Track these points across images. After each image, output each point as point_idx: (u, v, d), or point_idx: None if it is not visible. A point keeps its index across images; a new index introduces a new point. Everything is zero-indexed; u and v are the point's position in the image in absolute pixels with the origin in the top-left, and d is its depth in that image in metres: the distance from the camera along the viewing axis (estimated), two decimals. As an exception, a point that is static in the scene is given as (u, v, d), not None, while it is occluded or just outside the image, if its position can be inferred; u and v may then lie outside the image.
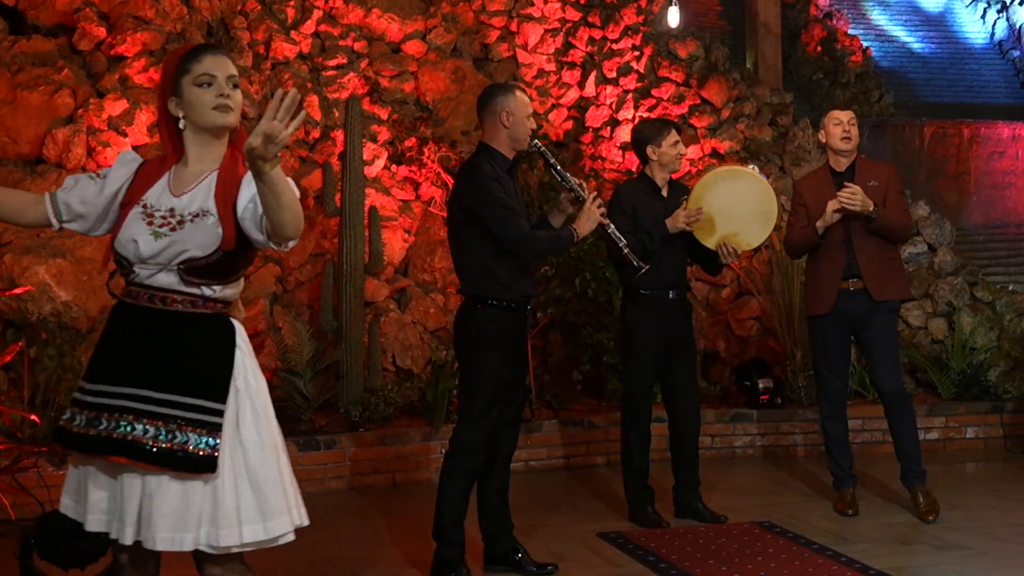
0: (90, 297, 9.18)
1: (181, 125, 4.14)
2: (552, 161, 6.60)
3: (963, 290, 10.76)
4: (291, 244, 4.07)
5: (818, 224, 7.55)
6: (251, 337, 9.39)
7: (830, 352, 7.82)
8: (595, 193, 6.57)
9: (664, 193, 7.64)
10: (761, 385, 10.07)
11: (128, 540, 3.99)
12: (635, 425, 7.71)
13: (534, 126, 6.56)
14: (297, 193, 4.00)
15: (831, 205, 7.46)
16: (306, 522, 4.24)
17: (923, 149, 13.23)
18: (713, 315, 10.86)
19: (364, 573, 6.69)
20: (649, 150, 7.62)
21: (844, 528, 7.55)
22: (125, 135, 9.75)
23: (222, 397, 4.06)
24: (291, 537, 4.15)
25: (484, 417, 6.37)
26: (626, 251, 6.75)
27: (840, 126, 7.71)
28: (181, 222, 4.05)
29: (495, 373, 6.38)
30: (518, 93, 6.53)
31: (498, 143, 6.48)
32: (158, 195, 4.12)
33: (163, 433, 3.97)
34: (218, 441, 4.00)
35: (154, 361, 4.06)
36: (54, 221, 4.23)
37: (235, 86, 4.17)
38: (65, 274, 9.10)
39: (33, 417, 8.00)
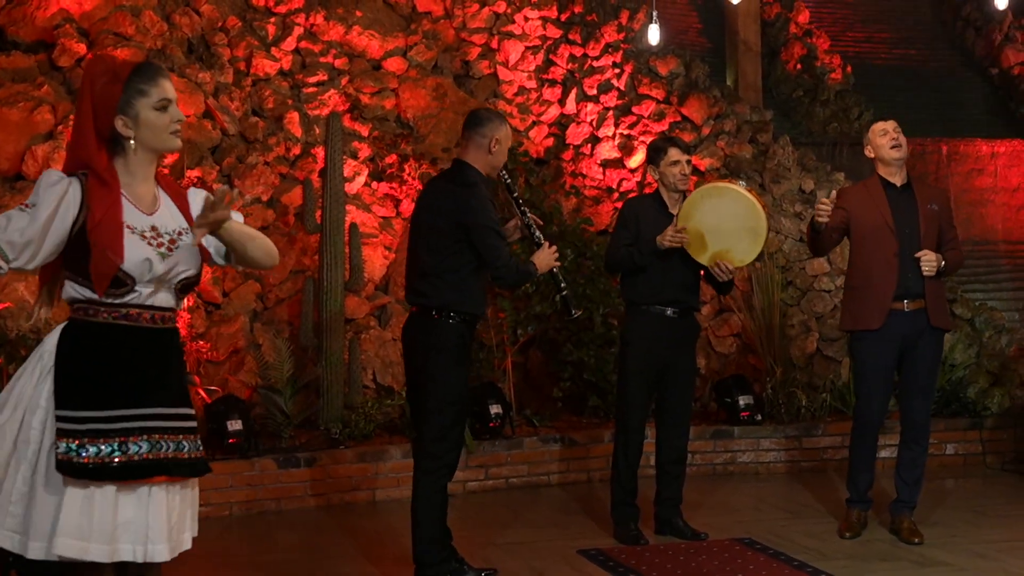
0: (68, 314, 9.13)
1: (131, 146, 4.10)
2: (515, 195, 6.69)
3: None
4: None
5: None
6: (232, 354, 9.47)
7: (876, 373, 7.57)
8: (552, 246, 6.64)
9: (673, 211, 7.56)
10: (741, 402, 10.06)
11: (162, 557, 4.02)
12: (626, 443, 7.69)
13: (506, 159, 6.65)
14: (263, 240, 4.21)
15: (924, 265, 7.29)
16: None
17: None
18: (693, 332, 10.87)
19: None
20: (651, 170, 7.65)
21: (824, 545, 7.55)
22: (105, 151, 9.71)
23: (191, 402, 4.25)
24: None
25: (453, 431, 6.44)
26: (564, 293, 6.77)
27: (887, 135, 7.50)
28: (173, 242, 4.10)
29: (463, 386, 6.45)
30: (508, 126, 6.63)
31: (479, 165, 6.52)
32: (133, 216, 4.09)
33: (178, 445, 4.07)
34: (200, 443, 4.19)
35: (161, 379, 4.11)
36: (1, 264, 4.00)
37: (177, 107, 4.19)
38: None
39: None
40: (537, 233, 6.59)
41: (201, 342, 9.48)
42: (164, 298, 4.12)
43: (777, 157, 11.71)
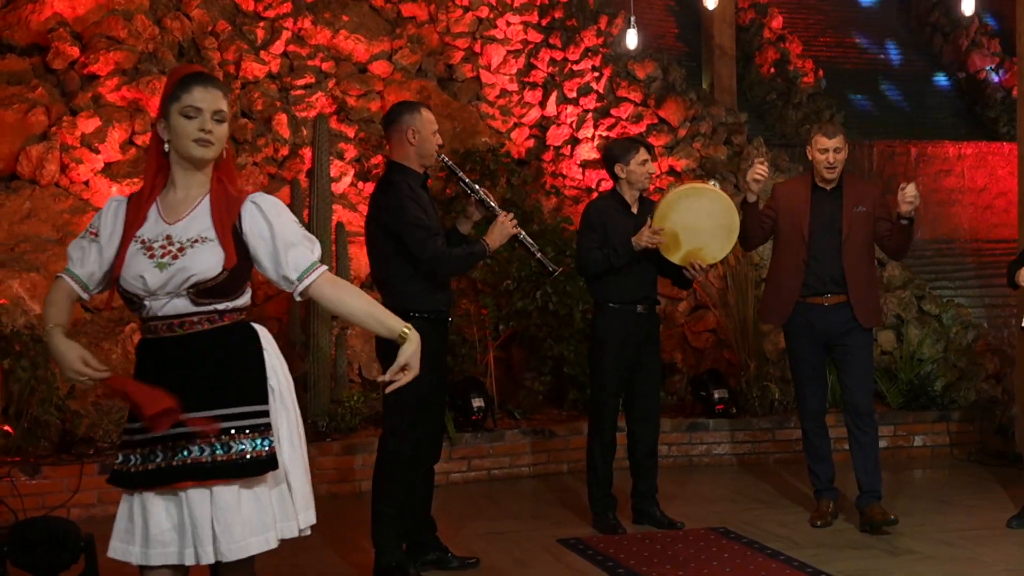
0: (63, 310, 9.11)
1: (166, 149, 4.07)
2: (460, 175, 6.65)
3: (911, 303, 10.80)
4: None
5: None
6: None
7: (805, 365, 7.71)
8: (509, 212, 6.59)
9: (634, 210, 7.61)
10: (716, 395, 10.09)
11: (209, 560, 3.97)
12: (600, 435, 7.71)
13: (440, 142, 6.57)
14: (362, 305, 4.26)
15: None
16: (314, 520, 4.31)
17: (872, 167, 13.30)
18: (670, 327, 10.88)
19: (331, 579, 6.68)
20: (617, 168, 7.59)
21: (796, 534, 7.56)
22: (98, 152, 9.71)
23: (262, 398, 4.10)
24: (308, 532, 4.27)
25: (410, 432, 6.43)
26: (539, 255, 6.70)
27: (826, 155, 7.42)
28: (182, 248, 4.01)
29: (422, 387, 6.39)
30: (423, 111, 6.53)
31: (407, 160, 6.49)
32: (152, 226, 4.05)
33: (218, 448, 3.98)
34: (272, 440, 4.07)
35: (187, 384, 4.01)
36: (85, 296, 4.21)
37: (220, 120, 4.10)
38: (39, 288, 9.03)
39: (6, 428, 7.96)
40: (491, 204, 6.54)
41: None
42: (181, 305, 4.02)
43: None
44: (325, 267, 4.15)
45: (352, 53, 11.67)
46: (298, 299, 4.27)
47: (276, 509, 4.10)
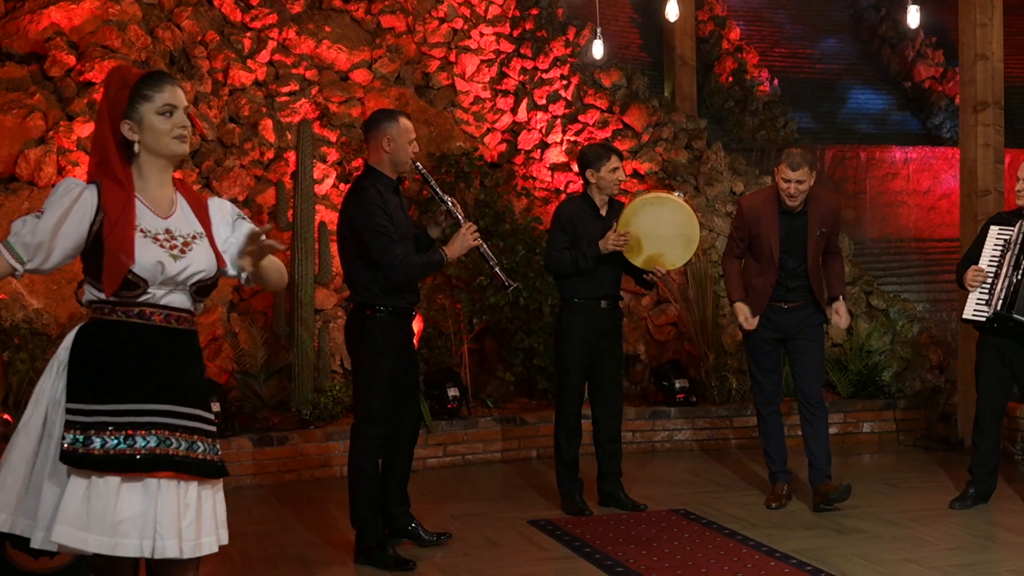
0: (59, 305, 9.10)
1: (136, 149, 3.97)
2: (432, 183, 6.60)
3: (860, 299, 10.84)
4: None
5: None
6: (210, 342, 9.45)
7: (762, 357, 7.79)
8: (472, 224, 6.56)
9: (603, 212, 7.64)
10: (677, 385, 10.11)
11: (173, 553, 3.81)
12: (566, 422, 7.72)
13: (416, 150, 6.55)
14: (279, 266, 4.19)
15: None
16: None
17: (824, 171, 13.34)
18: (634, 321, 10.89)
19: (313, 559, 6.66)
20: (588, 173, 7.60)
21: (753, 515, 7.58)
22: (93, 155, 9.67)
23: (210, 407, 4.08)
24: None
25: (380, 416, 6.47)
26: (495, 270, 6.67)
27: (789, 185, 7.43)
28: (187, 244, 3.98)
29: (388, 376, 6.47)
30: (401, 120, 6.51)
31: (382, 166, 6.50)
32: (148, 219, 3.96)
33: (191, 445, 3.90)
34: (219, 448, 4.03)
35: (173, 377, 3.95)
36: (17, 266, 3.92)
37: (187, 115, 4.06)
38: (36, 284, 9.01)
39: (6, 416, 7.94)
40: (457, 216, 6.53)
41: (182, 331, 9.42)
42: (179, 299, 3.97)
43: (710, 162, 11.74)
44: None
45: (334, 62, 11.64)
46: (244, 283, 4.21)
47: (222, 512, 4.03)
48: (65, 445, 3.76)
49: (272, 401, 9.33)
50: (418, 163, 6.58)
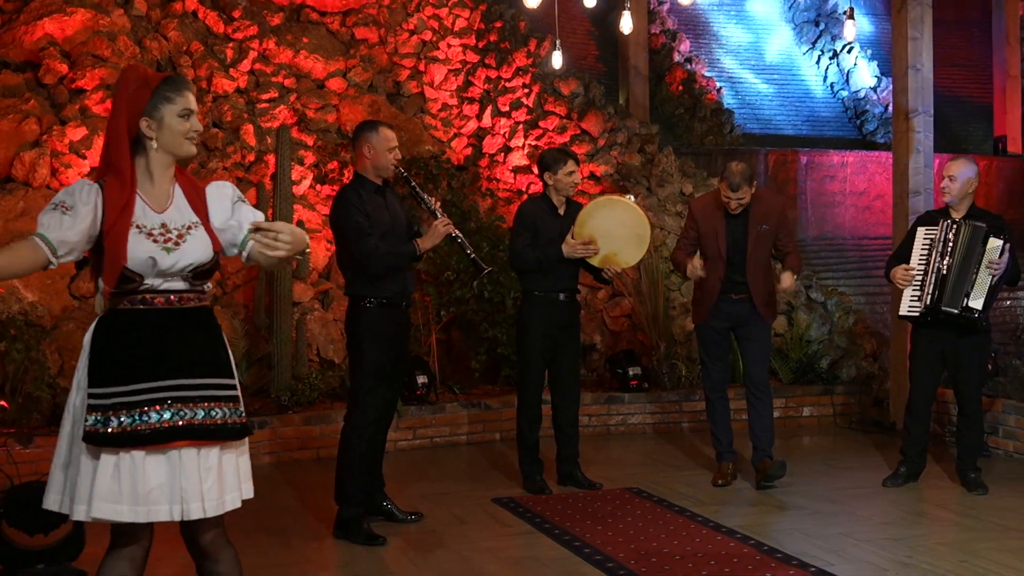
0: (53, 298, 9.05)
1: (154, 146, 3.99)
2: (413, 184, 6.70)
3: (800, 292, 10.88)
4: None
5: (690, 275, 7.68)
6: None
7: (712, 346, 7.82)
8: (446, 218, 6.62)
9: (561, 212, 7.65)
10: (631, 372, 10.13)
11: (198, 515, 3.91)
12: (527, 407, 7.72)
13: (399, 157, 6.64)
14: (302, 236, 4.11)
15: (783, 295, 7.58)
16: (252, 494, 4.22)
17: (767, 173, 13.39)
18: (591, 313, 10.90)
19: (293, 537, 6.64)
20: (547, 176, 7.62)
21: (701, 493, 7.61)
22: (84, 158, 9.62)
23: (232, 373, 4.10)
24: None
25: (369, 399, 6.52)
26: (472, 256, 6.78)
27: (730, 201, 7.49)
28: (181, 236, 3.98)
29: (375, 363, 6.52)
30: (382, 130, 6.62)
31: (364, 171, 6.64)
32: (143, 214, 3.97)
33: (208, 412, 3.96)
34: (242, 410, 4.08)
35: (182, 353, 3.98)
36: (52, 259, 3.91)
37: (197, 118, 4.11)
38: (31, 279, 8.94)
39: (3, 403, 7.89)
40: (435, 210, 6.61)
41: (168, 322, 9.38)
42: (179, 284, 4.00)
43: (662, 165, 11.76)
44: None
45: (311, 71, 11.61)
46: (245, 262, 4.24)
47: (244, 470, 4.11)
48: (87, 427, 3.84)
49: (253, 388, 9.30)
50: (400, 168, 6.65)
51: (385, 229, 6.52)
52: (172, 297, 4.00)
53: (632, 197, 7.91)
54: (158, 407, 3.88)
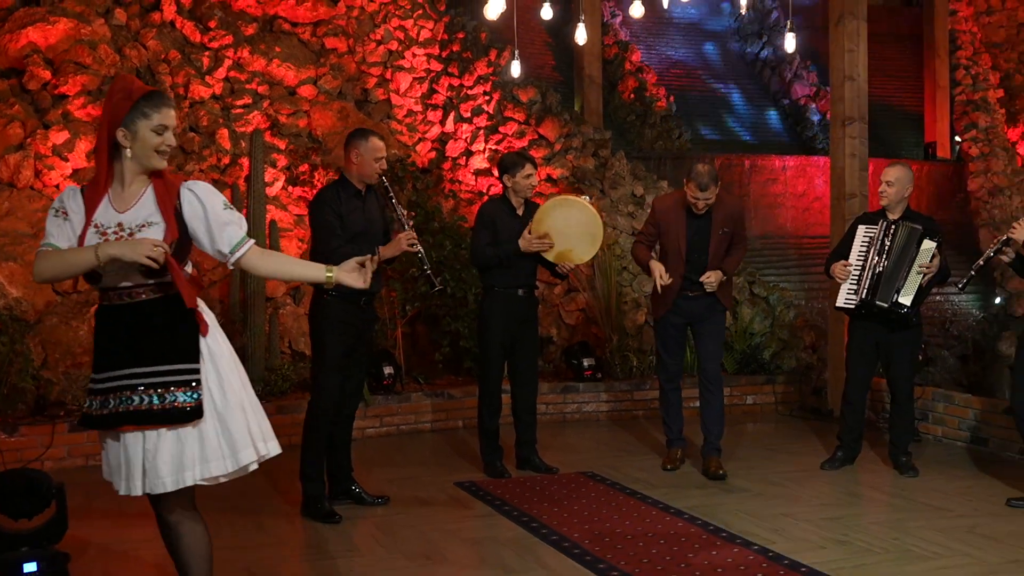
0: (37, 294, 8.97)
1: (128, 155, 4.05)
2: (391, 195, 6.73)
3: (744, 288, 10.93)
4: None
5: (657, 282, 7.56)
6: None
7: (670, 339, 7.75)
8: (412, 232, 6.63)
9: (519, 212, 7.64)
10: (586, 363, 10.15)
11: (138, 492, 4.04)
12: (487, 396, 7.72)
13: (384, 167, 6.64)
14: (296, 271, 4.53)
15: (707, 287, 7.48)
16: (274, 452, 4.35)
17: (713, 176, 13.41)
18: (548, 307, 10.91)
19: (265, 518, 6.63)
20: (506, 178, 7.62)
21: (652, 477, 7.63)
22: (67, 160, 9.55)
23: (195, 358, 4.09)
24: (255, 466, 4.26)
25: (328, 384, 6.58)
26: (428, 272, 6.79)
27: (698, 201, 7.42)
28: (132, 233, 4.02)
29: (334, 352, 6.57)
30: (372, 140, 6.61)
31: (349, 175, 6.65)
32: (104, 214, 4.06)
33: (155, 398, 4.01)
34: (199, 394, 4.06)
35: (136, 344, 4.06)
36: None
37: (174, 134, 4.15)
38: (16, 275, 8.87)
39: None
40: (404, 220, 6.66)
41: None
42: (132, 278, 4.05)
43: (614, 168, 11.78)
44: (253, 241, 4.24)
45: (283, 78, 11.55)
46: (231, 268, 4.30)
47: (196, 452, 4.08)
48: (83, 409, 4.20)
49: (228, 379, 9.25)
50: (384, 179, 6.65)
51: (357, 231, 6.53)
52: (125, 293, 4.08)
53: (587, 198, 7.90)
54: (114, 395, 4.04)
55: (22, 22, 10.07)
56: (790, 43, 9.92)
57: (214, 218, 4.14)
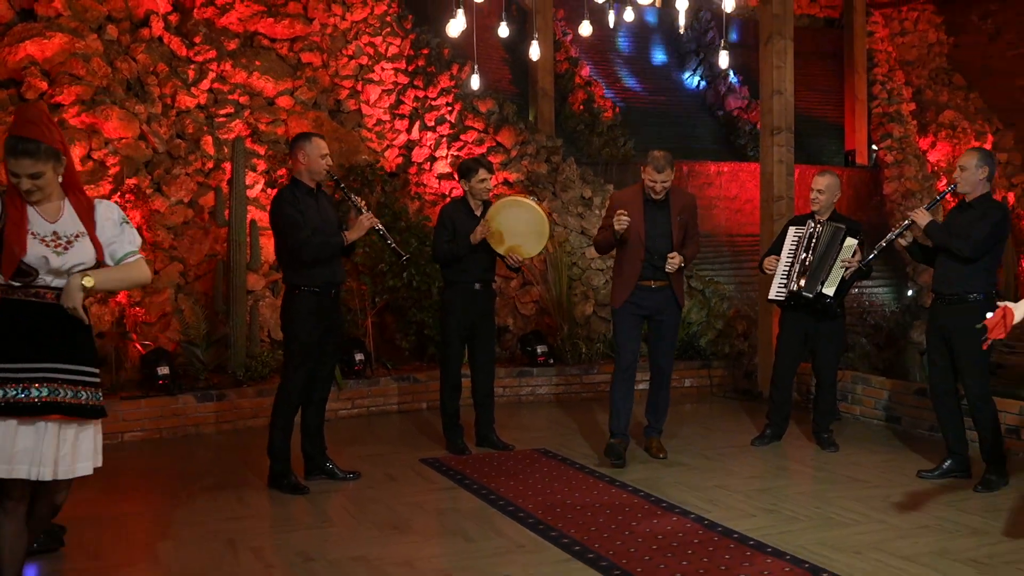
0: None
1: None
2: (343, 186, 6.78)
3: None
4: None
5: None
6: (161, 317, 9.23)
7: (628, 330, 7.40)
8: (370, 213, 6.67)
9: (477, 213, 7.64)
10: (539, 350, 10.16)
11: (48, 477, 4.08)
12: (448, 380, 7.74)
13: (330, 164, 6.65)
14: (131, 276, 4.35)
15: (669, 265, 7.22)
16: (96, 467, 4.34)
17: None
18: (504, 299, 10.91)
19: (247, 493, 6.60)
20: (463, 182, 7.64)
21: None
22: (62, 164, 9.45)
23: (95, 364, 4.26)
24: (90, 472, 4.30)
25: (296, 373, 6.62)
26: (392, 245, 6.86)
27: (654, 184, 7.23)
28: (69, 243, 4.12)
29: (304, 341, 6.59)
30: (314, 140, 6.64)
31: (300, 175, 6.64)
32: (37, 223, 4.13)
33: (75, 393, 4.11)
34: (100, 395, 4.24)
35: (60, 341, 4.12)
36: None
37: (36, 177, 4.13)
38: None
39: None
40: (359, 206, 6.69)
41: (138, 308, 9.26)
42: (64, 282, 4.13)
43: (565, 173, 11.79)
44: (138, 256, 4.36)
45: (263, 90, 11.47)
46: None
47: (96, 446, 4.26)
48: None
49: (212, 365, 9.19)
50: (332, 172, 6.64)
51: (315, 226, 6.54)
52: (40, 291, 4.13)
53: (536, 198, 7.91)
54: (38, 384, 4.05)
55: (20, 36, 9.95)
56: (724, 59, 9.95)
57: (115, 234, 4.29)
